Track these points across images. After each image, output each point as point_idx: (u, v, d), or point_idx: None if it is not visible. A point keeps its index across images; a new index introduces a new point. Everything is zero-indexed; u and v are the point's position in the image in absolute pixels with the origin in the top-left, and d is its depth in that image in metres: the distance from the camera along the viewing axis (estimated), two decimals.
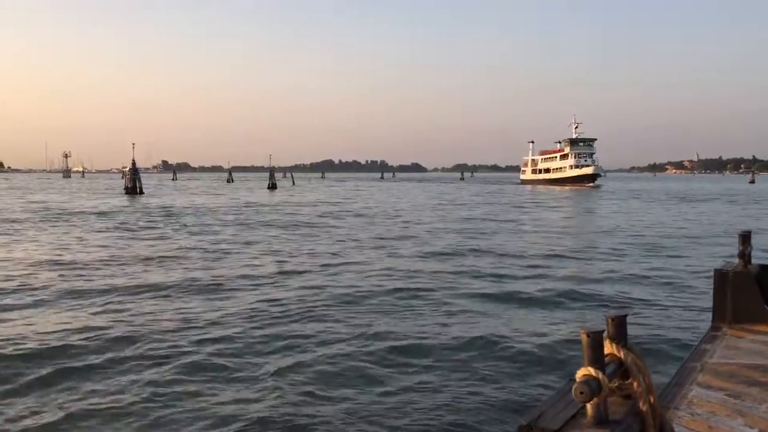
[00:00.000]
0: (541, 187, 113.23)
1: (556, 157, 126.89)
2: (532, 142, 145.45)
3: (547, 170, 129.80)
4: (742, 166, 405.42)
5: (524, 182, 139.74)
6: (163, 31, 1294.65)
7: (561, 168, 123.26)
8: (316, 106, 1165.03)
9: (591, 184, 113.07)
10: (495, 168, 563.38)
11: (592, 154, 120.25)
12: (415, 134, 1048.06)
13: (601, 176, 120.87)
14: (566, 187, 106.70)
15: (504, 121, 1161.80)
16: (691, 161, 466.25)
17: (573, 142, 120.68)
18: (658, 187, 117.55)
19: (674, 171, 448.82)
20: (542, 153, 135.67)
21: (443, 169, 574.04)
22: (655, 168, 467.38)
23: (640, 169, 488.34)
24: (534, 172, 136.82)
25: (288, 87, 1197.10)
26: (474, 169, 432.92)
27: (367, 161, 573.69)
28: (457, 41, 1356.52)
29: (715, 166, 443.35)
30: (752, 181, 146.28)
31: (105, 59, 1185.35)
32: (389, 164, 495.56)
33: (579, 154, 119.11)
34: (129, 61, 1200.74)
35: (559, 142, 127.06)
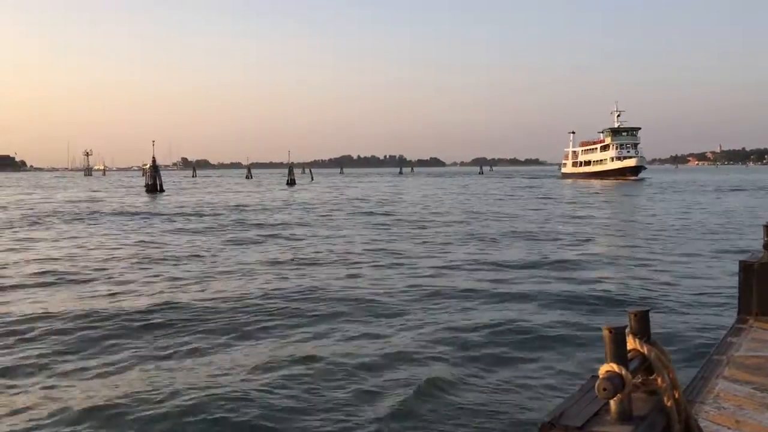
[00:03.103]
0: (581, 181, 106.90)
1: (596, 148, 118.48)
2: (573, 132, 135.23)
3: (588, 163, 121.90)
4: (766, 156, 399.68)
5: (565, 176, 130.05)
6: (182, 30, 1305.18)
7: (602, 160, 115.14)
8: (333, 102, 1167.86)
9: (634, 177, 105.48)
10: (514, 161, 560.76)
11: (636, 144, 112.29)
12: (433, 128, 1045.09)
13: (645, 168, 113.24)
14: (607, 181, 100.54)
15: (521, 114, 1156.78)
16: (713, 152, 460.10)
17: (615, 132, 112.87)
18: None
19: (696, 163, 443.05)
20: (582, 144, 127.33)
21: (462, 163, 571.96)
22: (677, 160, 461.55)
23: (662, 161, 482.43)
24: (575, 164, 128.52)
25: (305, 83, 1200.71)
26: (493, 162, 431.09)
27: (385, 156, 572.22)
28: (472, 36, 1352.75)
29: (739, 157, 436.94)
30: None
31: (125, 59, 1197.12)
32: (407, 159, 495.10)
33: (621, 144, 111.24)
34: (149, 61, 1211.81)
35: (602, 132, 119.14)
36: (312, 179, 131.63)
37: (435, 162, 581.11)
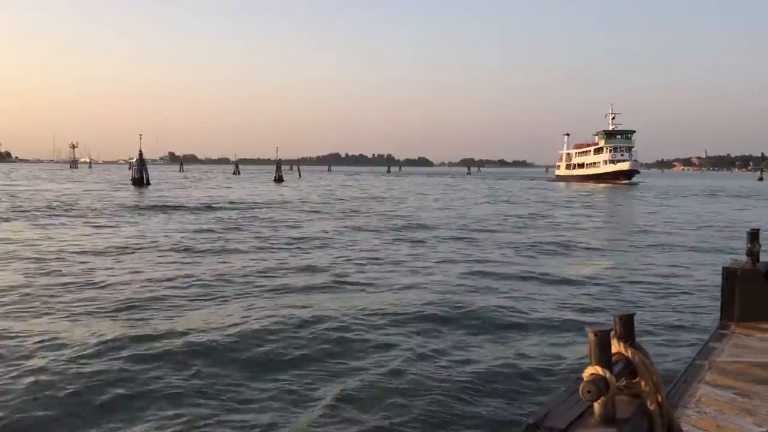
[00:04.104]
0: (575, 185, 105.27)
1: (590, 151, 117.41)
2: (567, 134, 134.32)
3: (581, 165, 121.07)
4: (751, 163, 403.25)
5: (559, 178, 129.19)
6: (171, 26, 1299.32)
7: (595, 163, 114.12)
8: (323, 100, 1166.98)
9: (627, 181, 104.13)
10: (502, 163, 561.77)
11: (630, 147, 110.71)
12: (422, 128, 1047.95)
13: (638, 172, 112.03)
14: (600, 185, 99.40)
15: (509, 116, 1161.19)
16: (699, 158, 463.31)
17: (609, 135, 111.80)
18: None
19: (682, 168, 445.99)
20: (576, 146, 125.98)
21: (450, 164, 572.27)
22: (663, 165, 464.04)
23: (648, 166, 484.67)
24: (568, 167, 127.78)
25: (294, 81, 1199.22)
26: (481, 163, 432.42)
27: (373, 155, 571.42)
28: (462, 37, 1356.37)
29: (724, 163, 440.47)
30: (761, 179, 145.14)
31: (113, 52, 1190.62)
32: (396, 158, 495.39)
33: (615, 147, 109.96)
34: (137, 55, 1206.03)
35: (596, 135, 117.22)
36: (300, 176, 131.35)
37: (423, 162, 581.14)
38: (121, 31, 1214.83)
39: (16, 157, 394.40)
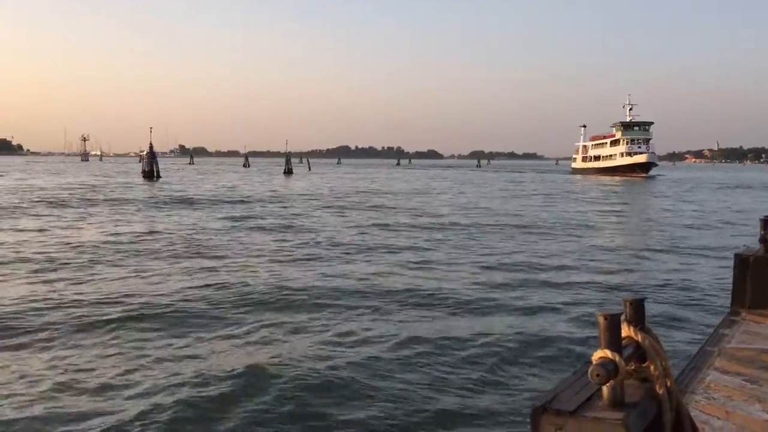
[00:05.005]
0: (591, 178, 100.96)
1: (606, 143, 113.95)
2: (584, 126, 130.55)
3: (597, 158, 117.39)
4: (763, 155, 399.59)
5: (575, 171, 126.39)
6: (180, 19, 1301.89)
7: (611, 155, 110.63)
8: (332, 93, 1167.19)
9: (644, 175, 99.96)
10: (512, 155, 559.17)
11: (648, 140, 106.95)
12: (431, 121, 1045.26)
13: (656, 165, 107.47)
14: (616, 178, 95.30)
15: (517, 109, 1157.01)
16: (711, 150, 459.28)
17: (626, 126, 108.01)
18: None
19: (694, 160, 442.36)
20: (592, 138, 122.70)
21: (459, 156, 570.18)
22: (675, 157, 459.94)
23: (659, 158, 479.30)
24: (585, 159, 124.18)
25: (303, 74, 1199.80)
26: (491, 156, 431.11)
27: (383, 147, 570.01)
28: (470, 30, 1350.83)
29: (736, 155, 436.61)
30: None
31: (123, 45, 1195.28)
32: (405, 150, 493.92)
33: (632, 139, 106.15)
34: (147, 47, 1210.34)
35: (613, 126, 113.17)
36: (309, 169, 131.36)
37: (433, 154, 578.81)
38: (130, 24, 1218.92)
39: (28, 150, 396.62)
